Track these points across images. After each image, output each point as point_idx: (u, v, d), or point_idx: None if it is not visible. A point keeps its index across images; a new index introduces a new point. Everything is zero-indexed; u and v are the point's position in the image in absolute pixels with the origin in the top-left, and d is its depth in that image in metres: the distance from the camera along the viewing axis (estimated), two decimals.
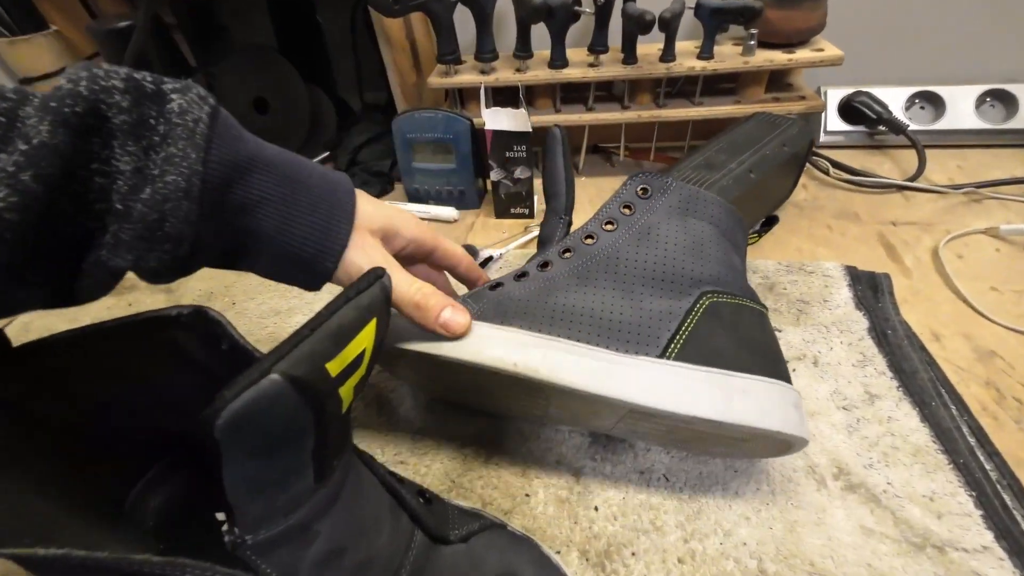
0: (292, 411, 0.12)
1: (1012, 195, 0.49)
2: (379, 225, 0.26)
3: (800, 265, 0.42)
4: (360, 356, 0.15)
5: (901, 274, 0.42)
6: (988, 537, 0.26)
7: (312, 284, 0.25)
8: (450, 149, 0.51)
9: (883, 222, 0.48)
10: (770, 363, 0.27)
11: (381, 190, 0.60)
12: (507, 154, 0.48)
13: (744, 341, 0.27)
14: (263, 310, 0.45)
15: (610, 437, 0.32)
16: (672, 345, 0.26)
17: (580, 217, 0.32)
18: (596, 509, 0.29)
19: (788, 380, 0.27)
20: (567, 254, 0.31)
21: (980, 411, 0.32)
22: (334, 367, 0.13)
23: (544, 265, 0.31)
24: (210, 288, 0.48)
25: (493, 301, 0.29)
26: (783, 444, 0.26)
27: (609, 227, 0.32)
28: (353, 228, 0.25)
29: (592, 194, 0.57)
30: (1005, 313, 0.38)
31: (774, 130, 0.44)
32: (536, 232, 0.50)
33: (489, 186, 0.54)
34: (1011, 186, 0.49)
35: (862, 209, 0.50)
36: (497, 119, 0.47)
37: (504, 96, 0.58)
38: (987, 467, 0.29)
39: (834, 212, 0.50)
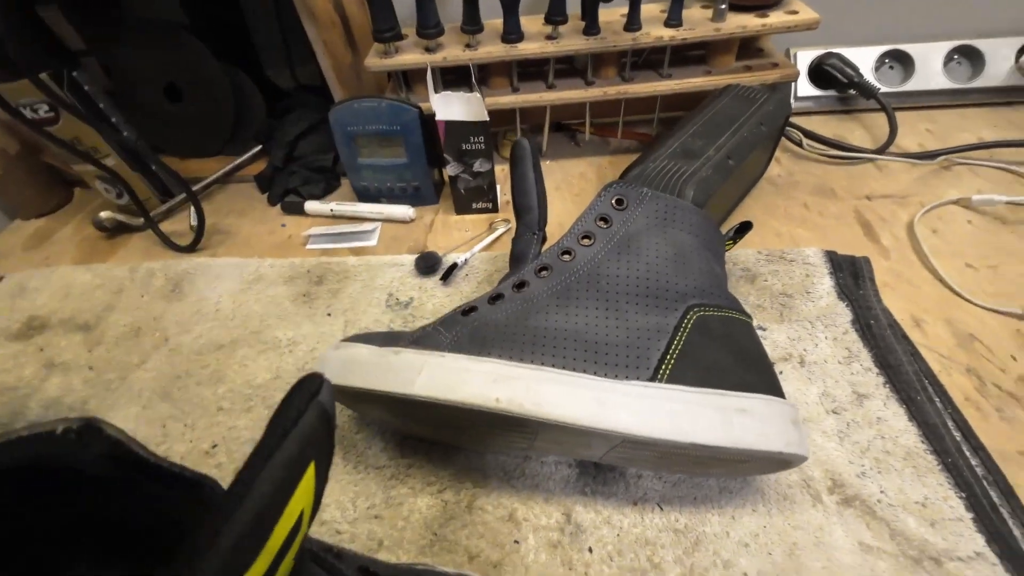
0: None
1: (980, 160, 0.48)
2: None
3: (780, 253, 0.40)
4: (296, 523, 0.11)
5: (880, 255, 0.41)
6: (980, 542, 0.26)
7: None
8: (399, 142, 0.46)
9: (859, 197, 0.46)
10: (764, 378, 0.26)
11: (326, 187, 0.54)
12: (463, 146, 0.43)
13: (736, 356, 0.26)
14: (201, 344, 0.39)
15: (599, 466, 0.30)
16: (663, 366, 0.24)
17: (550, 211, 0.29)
18: (591, 551, 0.27)
19: (782, 394, 0.26)
20: (544, 272, 0.28)
21: (963, 402, 0.31)
22: (255, 572, 0.10)
23: (520, 285, 0.28)
24: (136, 322, 0.42)
25: (467, 328, 0.26)
26: (783, 463, 0.25)
27: (586, 241, 0.29)
28: None
29: (559, 179, 0.53)
30: (981, 292, 0.37)
31: (750, 106, 0.41)
32: (502, 229, 0.47)
33: (447, 177, 0.49)
34: (979, 151, 0.48)
35: (837, 183, 0.48)
36: (449, 108, 0.42)
37: (455, 75, 0.52)
38: (973, 463, 0.29)
39: (810, 188, 0.48)
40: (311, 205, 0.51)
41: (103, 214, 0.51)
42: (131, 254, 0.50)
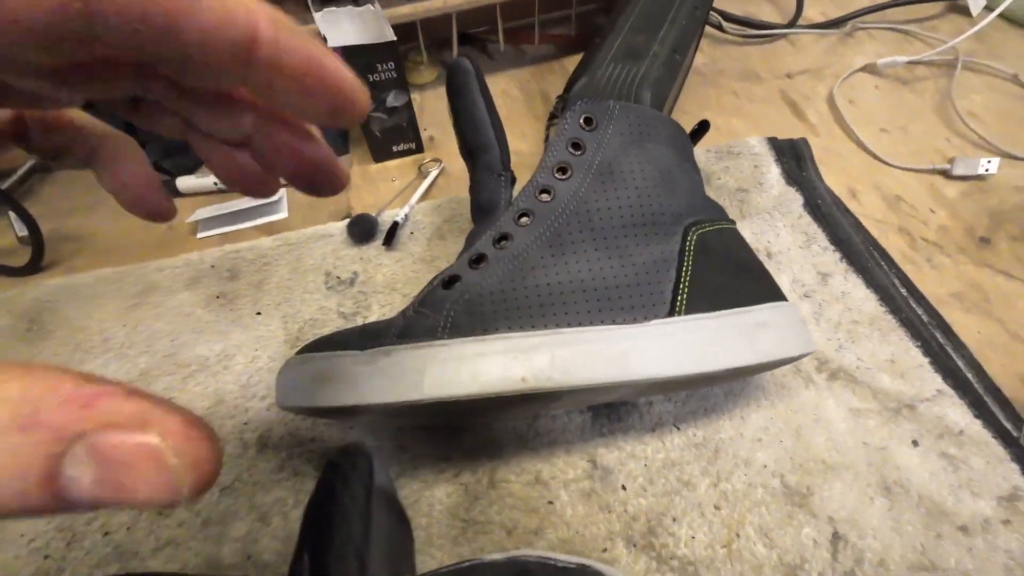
0: None
1: (875, 23, 0.50)
2: None
3: (727, 148, 0.40)
4: None
5: (810, 132, 0.42)
6: (938, 380, 0.29)
7: None
8: None
9: (780, 76, 0.47)
10: (767, 285, 0.25)
11: (195, 165, 0.43)
12: (371, 77, 0.35)
13: (740, 269, 0.25)
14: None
15: (610, 404, 0.29)
16: (679, 297, 0.23)
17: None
18: (624, 488, 0.27)
19: (784, 295, 0.26)
20: (525, 219, 0.24)
21: (901, 259, 0.35)
22: None
23: (501, 239, 0.24)
24: None
25: (459, 304, 0.22)
26: (795, 359, 0.25)
27: (562, 175, 0.25)
28: None
29: None
30: (897, 153, 0.40)
31: None
32: (435, 171, 0.41)
33: None
34: (872, 15, 0.50)
35: (759, 65, 0.48)
36: (339, 29, 0.33)
37: None
38: (919, 312, 0.32)
39: (735, 74, 0.47)
40: (185, 181, 0.41)
41: None
42: None
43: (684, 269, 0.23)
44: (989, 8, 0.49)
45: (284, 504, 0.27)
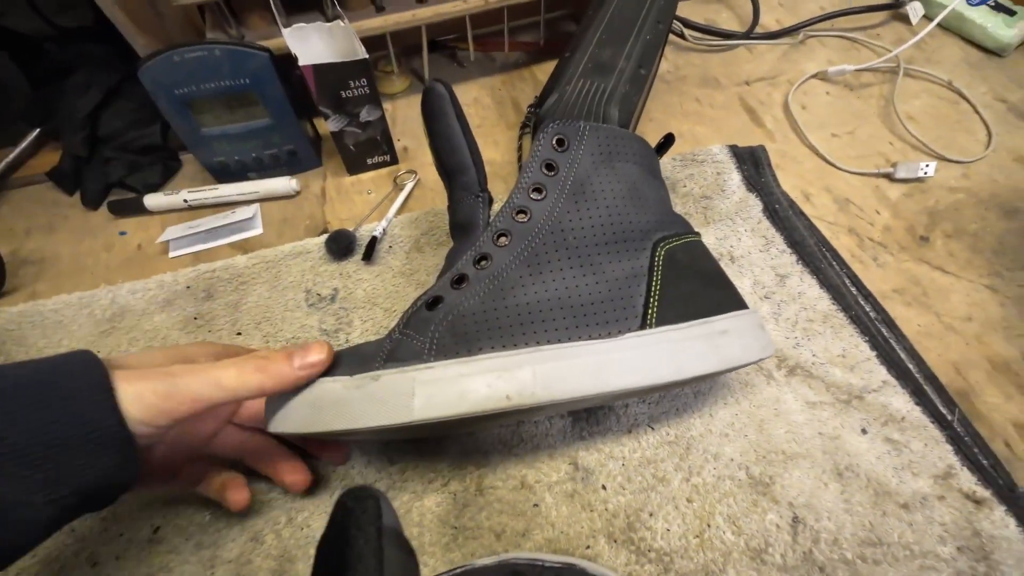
0: None
1: (824, 31, 0.53)
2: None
3: (692, 156, 0.42)
4: None
5: (767, 138, 0.44)
6: (883, 371, 0.32)
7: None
8: (253, 98, 0.36)
9: (738, 83, 0.49)
10: (730, 294, 0.27)
11: (164, 171, 0.42)
12: (343, 94, 0.35)
13: (705, 281, 0.27)
14: None
15: (589, 408, 0.31)
16: (649, 310, 0.24)
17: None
18: (604, 488, 0.28)
19: (745, 304, 0.28)
20: (503, 239, 0.25)
21: (851, 259, 0.37)
22: None
23: (481, 260, 0.25)
24: None
25: (443, 325, 0.23)
26: (754, 363, 0.27)
27: (538, 195, 0.26)
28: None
29: None
30: (846, 157, 0.43)
31: (643, 4, 0.39)
32: (411, 183, 0.41)
33: (327, 131, 0.41)
34: (823, 23, 0.53)
35: (719, 71, 0.50)
36: (309, 47, 0.33)
37: None
38: (867, 309, 0.35)
39: (697, 81, 0.49)
40: (154, 199, 0.40)
41: None
42: None
43: (654, 283, 0.25)
44: (928, 18, 0.52)
45: (276, 523, 0.27)
